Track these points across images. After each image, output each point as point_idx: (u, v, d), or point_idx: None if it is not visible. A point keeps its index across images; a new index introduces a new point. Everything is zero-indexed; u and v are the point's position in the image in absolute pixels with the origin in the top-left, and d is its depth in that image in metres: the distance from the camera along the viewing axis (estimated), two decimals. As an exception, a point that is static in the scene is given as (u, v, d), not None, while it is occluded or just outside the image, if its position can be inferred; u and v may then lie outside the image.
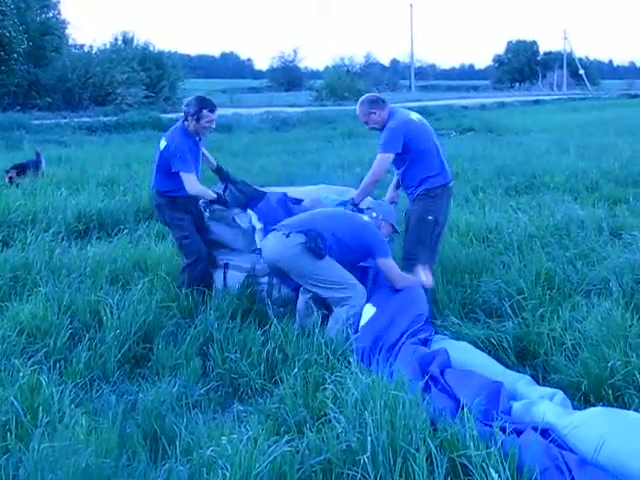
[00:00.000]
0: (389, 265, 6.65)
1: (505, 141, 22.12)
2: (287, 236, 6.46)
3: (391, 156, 7.42)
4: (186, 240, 7.52)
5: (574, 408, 4.88)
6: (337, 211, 7.09)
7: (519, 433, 4.31)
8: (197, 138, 7.58)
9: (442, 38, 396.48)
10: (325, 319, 6.45)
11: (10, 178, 13.45)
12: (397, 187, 8.18)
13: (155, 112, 35.00)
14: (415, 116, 7.74)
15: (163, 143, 7.48)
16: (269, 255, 6.66)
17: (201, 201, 7.70)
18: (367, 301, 6.50)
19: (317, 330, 6.03)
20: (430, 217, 7.43)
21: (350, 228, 6.66)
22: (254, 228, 7.46)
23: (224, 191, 7.65)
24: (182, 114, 7.49)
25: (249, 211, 7.51)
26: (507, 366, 5.71)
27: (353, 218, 6.87)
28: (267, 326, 6.39)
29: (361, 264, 6.95)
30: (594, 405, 4.96)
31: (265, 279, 7.24)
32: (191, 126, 7.45)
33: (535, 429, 4.30)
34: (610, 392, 5.08)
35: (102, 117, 32.90)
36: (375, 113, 7.57)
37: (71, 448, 4.14)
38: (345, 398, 4.60)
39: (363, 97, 7.80)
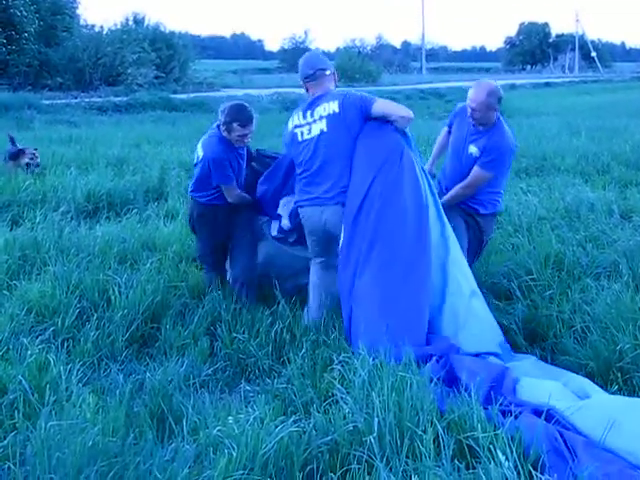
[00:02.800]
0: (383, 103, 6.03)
1: (516, 123, 21.95)
2: (343, 205, 5.89)
3: (491, 176, 6.80)
4: (207, 258, 7.17)
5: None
6: (322, 141, 6.07)
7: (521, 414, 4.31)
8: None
9: (453, 20, 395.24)
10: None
11: None
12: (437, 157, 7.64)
13: (166, 92, 34.88)
14: None
15: (200, 152, 6.89)
16: (338, 230, 5.93)
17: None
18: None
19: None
20: (486, 239, 7.12)
21: (344, 133, 5.98)
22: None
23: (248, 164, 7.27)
24: (192, 94, 7.34)
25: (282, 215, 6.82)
26: (516, 349, 5.72)
27: (334, 122, 6.01)
28: (275, 306, 6.39)
29: None
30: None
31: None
32: (225, 134, 6.73)
33: (538, 412, 4.29)
34: (619, 375, 5.06)
35: (113, 97, 32.83)
36: (495, 110, 6.81)
37: (78, 427, 4.13)
38: (352, 379, 4.60)
39: (490, 85, 6.86)
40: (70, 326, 6.02)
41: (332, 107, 5.99)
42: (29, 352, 5.25)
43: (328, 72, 6.28)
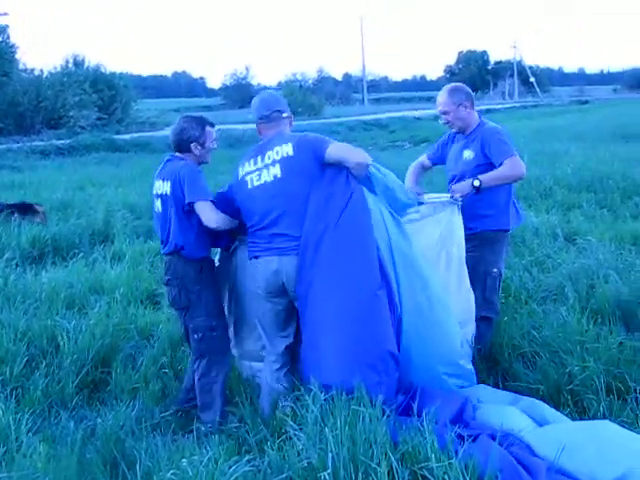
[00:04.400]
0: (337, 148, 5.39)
1: (459, 151, 22.27)
2: (298, 254, 5.28)
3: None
4: (214, 332, 5.65)
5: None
6: (271, 187, 5.39)
7: (476, 439, 4.34)
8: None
9: (393, 50, 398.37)
10: None
11: None
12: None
13: (109, 134, 34.88)
14: None
15: (166, 187, 5.59)
16: (294, 275, 5.29)
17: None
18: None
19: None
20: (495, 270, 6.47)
21: (300, 176, 5.33)
22: None
23: None
24: (136, 134, 7.04)
25: None
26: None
27: (288, 165, 5.36)
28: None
29: None
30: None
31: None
32: (194, 155, 5.69)
33: (494, 436, 4.32)
34: (569, 397, 5.12)
35: (55, 140, 32.74)
36: (466, 107, 6.45)
37: (29, 478, 4.09)
38: (305, 415, 4.58)
39: (452, 84, 6.72)
40: (19, 374, 5.94)
41: (285, 150, 5.36)
42: (-23, 403, 5.17)
43: (285, 115, 5.66)
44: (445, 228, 6.02)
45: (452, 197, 6.09)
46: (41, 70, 47.38)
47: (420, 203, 6.05)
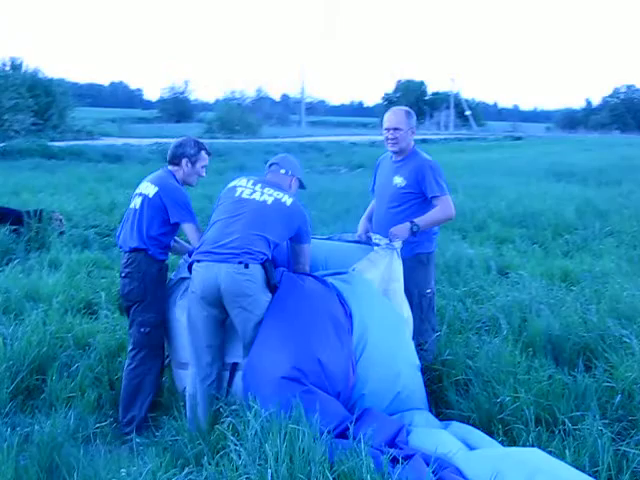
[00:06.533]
0: (307, 251, 5.94)
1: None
2: (246, 266, 5.32)
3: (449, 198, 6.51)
4: (159, 329, 5.98)
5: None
6: (256, 205, 5.66)
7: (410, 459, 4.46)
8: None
9: (332, 74, 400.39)
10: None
11: None
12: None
13: (43, 140, 34.40)
14: None
15: (151, 188, 5.98)
16: (230, 287, 5.31)
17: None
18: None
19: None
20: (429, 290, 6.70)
21: (281, 220, 5.64)
22: None
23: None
24: (71, 142, 7.04)
25: None
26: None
27: (279, 206, 5.67)
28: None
29: None
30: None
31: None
32: (182, 172, 6.11)
33: (427, 459, 4.44)
34: (500, 426, 5.24)
35: (-12, 143, 32.18)
36: (413, 133, 6.69)
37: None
38: (244, 431, 4.62)
39: (406, 108, 6.87)
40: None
41: (286, 199, 5.68)
42: None
43: (283, 171, 6.01)
44: (385, 271, 6.16)
45: (391, 241, 6.24)
46: (-23, 72, 46.71)
47: (371, 243, 6.44)
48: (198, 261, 5.48)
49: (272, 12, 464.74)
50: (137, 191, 6.12)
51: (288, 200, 5.69)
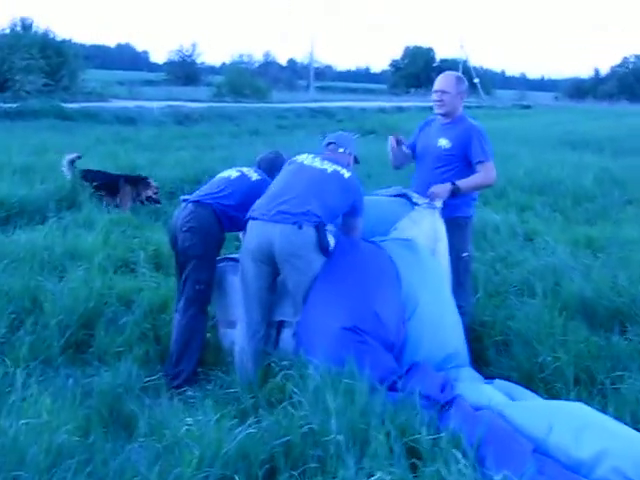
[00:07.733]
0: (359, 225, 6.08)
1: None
2: (300, 227, 5.41)
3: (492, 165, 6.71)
4: (211, 288, 6.11)
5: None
6: (315, 171, 5.86)
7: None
8: None
9: (339, 39, 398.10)
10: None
11: None
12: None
13: (55, 101, 34.27)
14: None
15: (252, 173, 6.43)
16: (284, 247, 5.42)
17: None
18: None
19: None
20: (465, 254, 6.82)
21: (338, 190, 5.80)
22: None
23: None
24: (83, 104, 7.07)
25: None
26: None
27: (337, 176, 5.86)
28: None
29: None
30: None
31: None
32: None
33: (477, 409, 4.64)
34: (542, 385, 5.41)
35: (1, 104, 32.12)
36: (462, 98, 6.82)
37: (46, 426, 4.24)
38: (302, 384, 4.76)
39: (458, 73, 7.04)
40: (5, 332, 6.05)
41: (344, 172, 5.88)
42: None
43: (341, 150, 6.23)
44: (430, 230, 6.32)
45: (431, 200, 6.40)
46: (-12, 31, 46.49)
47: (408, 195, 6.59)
48: (254, 218, 5.60)
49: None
50: (238, 168, 6.51)
51: (346, 174, 5.88)
